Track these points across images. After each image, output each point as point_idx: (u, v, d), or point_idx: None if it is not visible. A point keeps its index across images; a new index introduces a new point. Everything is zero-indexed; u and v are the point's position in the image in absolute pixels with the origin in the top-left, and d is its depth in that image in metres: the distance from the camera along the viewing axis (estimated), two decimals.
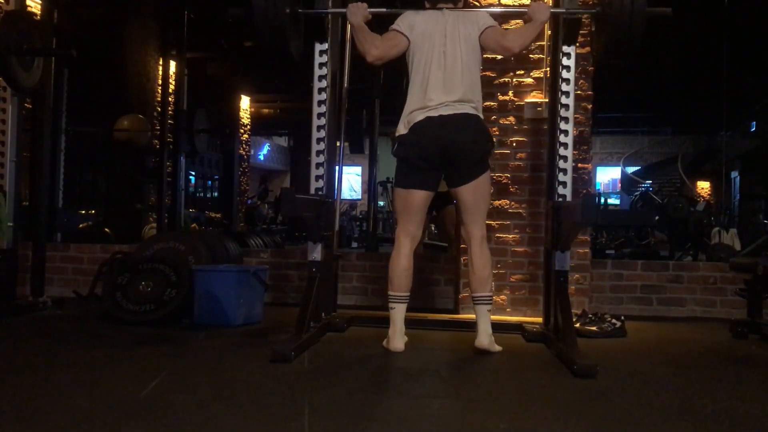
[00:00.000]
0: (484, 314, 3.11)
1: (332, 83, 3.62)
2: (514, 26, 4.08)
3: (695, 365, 3.10)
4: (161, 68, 9.23)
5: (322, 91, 3.55)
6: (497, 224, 4.28)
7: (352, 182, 22.55)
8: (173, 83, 9.27)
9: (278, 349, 2.84)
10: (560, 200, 3.41)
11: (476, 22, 3.19)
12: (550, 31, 3.92)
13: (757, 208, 13.35)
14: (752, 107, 14.76)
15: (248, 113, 14.49)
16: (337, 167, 3.84)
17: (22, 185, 4.35)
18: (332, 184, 3.73)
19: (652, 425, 2.11)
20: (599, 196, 18.27)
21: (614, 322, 3.72)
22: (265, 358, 2.83)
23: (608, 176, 23.69)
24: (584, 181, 4.32)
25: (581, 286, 4.25)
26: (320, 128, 3.55)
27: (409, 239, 3.20)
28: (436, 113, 3.08)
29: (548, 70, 4.10)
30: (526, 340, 3.51)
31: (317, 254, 3.42)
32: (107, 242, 6.14)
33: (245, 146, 14.45)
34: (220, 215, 12.79)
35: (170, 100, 9.04)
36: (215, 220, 12.00)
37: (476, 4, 4.23)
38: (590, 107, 4.29)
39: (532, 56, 4.30)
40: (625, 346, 3.47)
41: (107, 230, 7.47)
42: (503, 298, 4.26)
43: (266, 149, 21.78)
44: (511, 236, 4.29)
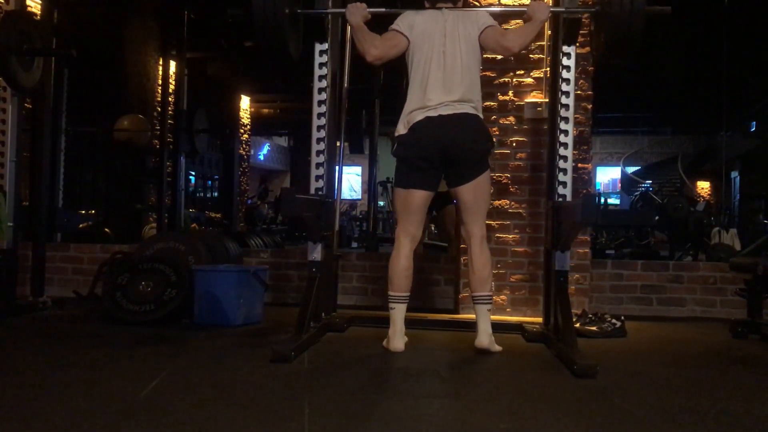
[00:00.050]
0: (484, 314, 3.11)
1: (332, 83, 3.62)
2: (514, 26, 4.08)
3: (695, 365, 3.10)
4: (161, 68, 9.23)
5: (322, 91, 3.55)
6: (497, 224, 4.28)
7: (352, 182, 22.55)
8: (173, 83, 9.27)
9: (278, 349, 2.84)
10: (560, 200, 3.41)
11: (476, 21, 3.19)
12: (550, 31, 3.92)
13: (757, 208, 13.35)
14: (752, 107, 14.75)
15: (248, 113, 14.49)
16: (337, 167, 3.84)
17: (22, 185, 4.35)
18: (332, 184, 3.73)
19: (652, 425, 2.11)
20: (599, 196, 18.26)
21: (614, 322, 3.72)
22: (265, 358, 2.83)
23: (608, 176, 23.69)
24: (584, 181, 4.32)
25: (581, 286, 4.25)
26: (320, 128, 3.55)
27: (408, 239, 3.20)
28: (435, 113, 3.08)
29: (548, 70, 4.10)
30: (526, 340, 3.51)
31: (317, 254, 3.42)
32: (107, 242, 6.14)
33: (245, 146, 14.46)
34: (220, 215, 12.79)
35: (170, 100, 9.03)
36: (215, 220, 12.00)
37: (476, 3, 4.23)
38: (590, 107, 4.29)
39: (532, 56, 4.31)
40: (625, 346, 3.47)
41: (107, 230, 7.46)
42: (503, 298, 4.26)
43: (266, 149, 21.78)
44: (511, 236, 4.30)
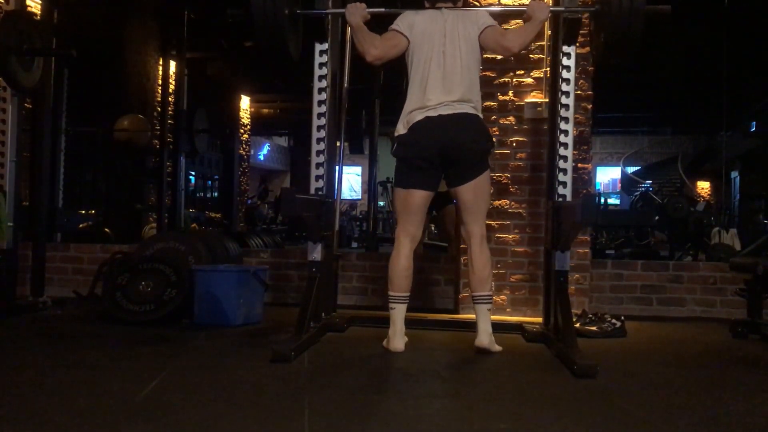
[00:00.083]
0: (484, 313, 3.11)
1: (332, 83, 3.62)
2: (514, 26, 4.08)
3: (695, 365, 3.10)
4: (161, 68, 9.23)
5: (322, 91, 3.55)
6: (497, 224, 4.28)
7: (352, 182, 22.54)
8: (173, 83, 9.27)
9: (278, 349, 2.84)
10: (560, 200, 3.40)
11: (476, 21, 3.18)
12: (550, 31, 3.92)
13: (757, 208, 13.34)
14: (752, 107, 14.75)
15: (248, 113, 14.49)
16: (337, 167, 3.84)
17: (22, 185, 4.35)
18: (332, 184, 3.73)
19: (652, 425, 2.11)
20: (599, 196, 18.26)
21: (614, 322, 3.72)
22: (265, 358, 2.83)
23: (608, 176, 23.68)
24: (584, 181, 4.32)
25: (581, 286, 4.25)
26: (320, 128, 3.55)
27: (408, 239, 3.19)
28: (435, 113, 3.08)
29: (548, 70, 4.10)
30: (526, 340, 3.51)
31: (317, 254, 3.42)
32: (107, 242, 6.14)
33: (245, 146, 14.45)
34: (220, 215, 12.79)
35: (170, 100, 9.03)
36: (215, 220, 11.99)
37: (476, 3, 4.23)
38: (590, 107, 4.29)
39: (532, 56, 4.31)
40: (625, 346, 3.47)
41: (107, 230, 7.46)
42: (503, 298, 4.26)
43: (266, 149, 21.77)
44: (511, 236, 4.30)
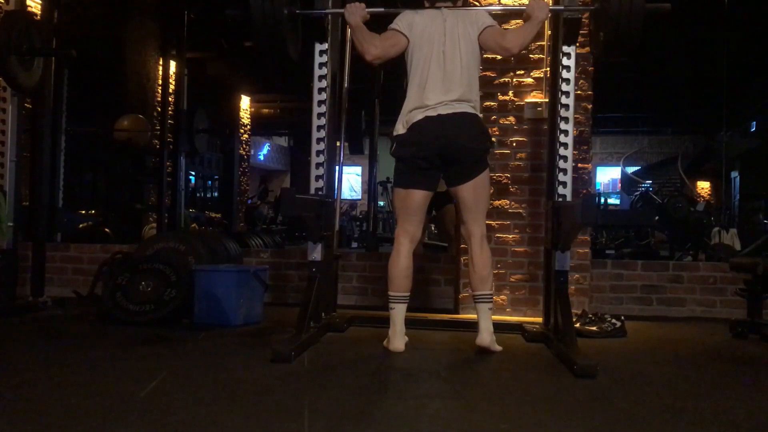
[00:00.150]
0: (485, 312, 3.11)
1: (332, 83, 3.62)
2: (514, 26, 4.08)
3: (695, 365, 3.10)
4: (161, 68, 9.22)
5: (322, 91, 3.55)
6: (497, 224, 4.28)
7: (352, 182, 22.53)
8: (173, 83, 9.25)
9: (278, 349, 2.84)
10: (560, 200, 3.40)
11: (475, 21, 3.18)
12: (549, 31, 3.92)
13: (757, 208, 13.32)
14: (752, 107, 14.74)
15: (248, 113, 14.48)
16: (337, 167, 3.84)
17: (22, 185, 4.35)
18: (332, 184, 3.73)
19: (652, 425, 2.11)
20: (599, 196, 18.26)
21: (614, 322, 3.72)
22: (265, 358, 2.83)
23: (608, 176, 23.66)
24: (584, 181, 4.32)
25: (581, 286, 4.25)
26: (320, 128, 3.55)
27: (408, 239, 3.19)
28: (434, 113, 3.08)
29: (548, 70, 4.10)
30: (526, 340, 3.51)
31: (317, 254, 3.42)
32: (107, 242, 6.13)
33: (245, 146, 14.45)
34: (220, 215, 12.78)
35: (170, 100, 9.02)
36: (215, 220, 11.99)
37: (475, 3, 4.23)
38: (590, 107, 4.29)
39: (532, 56, 4.31)
40: (625, 346, 3.47)
41: (107, 230, 7.46)
42: (503, 298, 4.26)
43: (266, 149, 21.77)
44: (511, 236, 4.30)
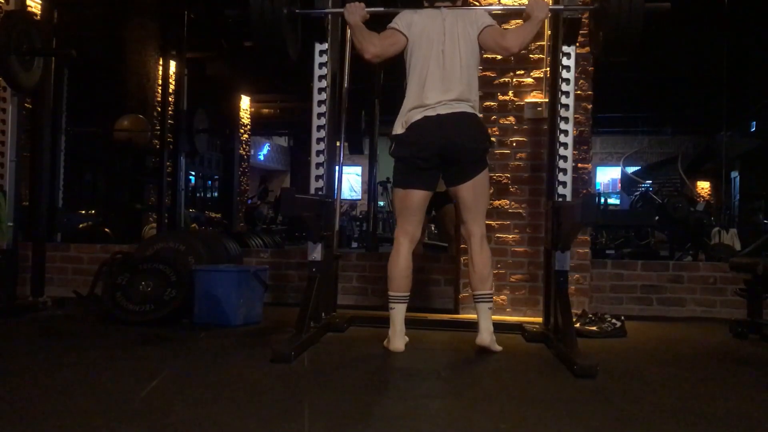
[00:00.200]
0: (485, 312, 3.11)
1: (332, 83, 3.62)
2: (514, 26, 4.08)
3: (695, 365, 3.10)
4: (161, 68, 9.22)
5: (322, 91, 3.55)
6: (497, 224, 4.28)
7: (352, 182, 22.52)
8: (173, 83, 9.26)
9: (278, 349, 2.84)
10: (560, 200, 3.40)
11: (475, 21, 3.18)
12: (549, 30, 3.92)
13: (757, 208, 13.32)
14: (752, 107, 14.73)
15: (248, 113, 14.48)
16: (337, 167, 3.84)
17: (22, 185, 4.35)
18: (332, 184, 3.73)
19: (652, 425, 2.11)
20: (599, 196, 18.25)
21: (614, 322, 3.72)
22: (265, 358, 2.83)
23: (608, 176, 23.65)
24: (584, 181, 4.32)
25: (581, 286, 4.25)
26: (320, 128, 3.55)
27: (407, 239, 3.19)
28: (433, 112, 3.08)
29: (548, 70, 4.10)
30: (526, 340, 3.51)
31: (317, 254, 3.42)
32: (107, 242, 6.13)
33: (245, 146, 14.45)
34: (220, 215, 12.78)
35: (170, 100, 9.03)
36: (215, 220, 11.99)
37: (475, 3, 4.23)
38: (590, 107, 4.29)
39: (532, 56, 4.31)
40: (625, 346, 3.47)
41: (107, 230, 7.46)
42: (503, 298, 4.26)
43: (266, 149, 21.77)
44: (511, 236, 4.30)
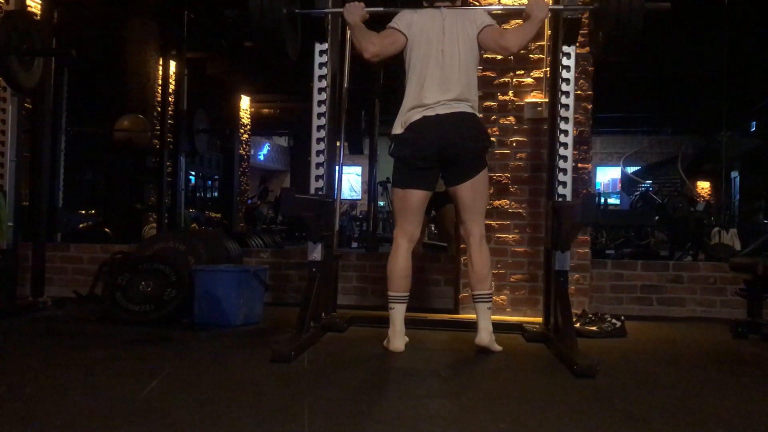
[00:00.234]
0: (484, 312, 3.11)
1: (332, 83, 3.62)
2: (513, 25, 4.07)
3: (695, 365, 3.10)
4: (161, 68, 9.22)
5: (322, 91, 3.55)
6: (497, 224, 4.28)
7: (352, 182, 22.54)
8: (173, 83, 9.27)
9: (278, 349, 2.84)
10: (560, 200, 3.40)
11: (474, 20, 3.18)
12: (549, 30, 3.92)
13: (757, 208, 13.33)
14: (752, 107, 14.74)
15: (248, 113, 14.48)
16: (337, 167, 3.84)
17: (22, 185, 4.35)
18: (332, 184, 3.73)
19: (652, 425, 2.11)
20: (599, 196, 18.26)
21: (614, 322, 3.72)
22: (265, 358, 2.83)
23: (608, 176, 23.68)
24: (584, 181, 4.32)
25: (581, 286, 4.25)
26: (320, 128, 3.55)
27: (407, 239, 3.19)
28: (433, 112, 3.08)
29: (548, 70, 4.10)
30: (526, 340, 3.51)
31: (317, 254, 3.42)
32: (107, 242, 6.13)
33: (245, 146, 14.45)
34: (220, 215, 12.78)
35: (170, 100, 9.03)
36: (215, 220, 11.99)
37: (475, 3, 4.23)
38: (590, 107, 4.29)
39: (532, 56, 4.31)
40: (625, 346, 3.47)
41: (107, 230, 7.46)
42: (503, 298, 4.26)
43: (266, 149, 21.77)
44: (511, 236, 4.29)
